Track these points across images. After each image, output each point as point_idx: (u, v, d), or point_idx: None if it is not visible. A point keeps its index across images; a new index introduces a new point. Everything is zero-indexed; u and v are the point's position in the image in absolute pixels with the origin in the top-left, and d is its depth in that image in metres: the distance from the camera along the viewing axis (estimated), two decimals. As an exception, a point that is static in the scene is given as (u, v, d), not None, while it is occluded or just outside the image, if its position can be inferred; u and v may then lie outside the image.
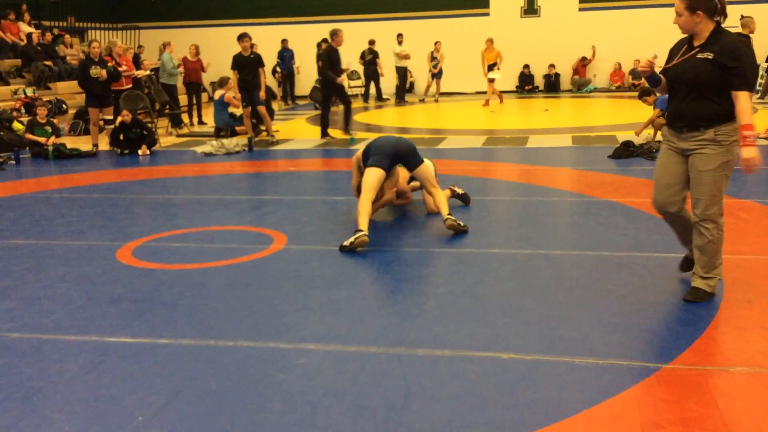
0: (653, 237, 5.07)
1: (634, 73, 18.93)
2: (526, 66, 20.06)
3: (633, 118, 13.20)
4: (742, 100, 3.57)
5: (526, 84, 20.21)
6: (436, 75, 17.83)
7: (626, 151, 8.50)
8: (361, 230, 4.99)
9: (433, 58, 17.63)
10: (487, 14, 20.24)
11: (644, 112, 14.02)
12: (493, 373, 3.09)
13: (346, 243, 4.95)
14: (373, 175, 5.42)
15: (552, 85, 20.28)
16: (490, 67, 15.88)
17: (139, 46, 16.42)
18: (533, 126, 12.26)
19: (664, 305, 3.83)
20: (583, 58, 19.88)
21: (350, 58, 15.87)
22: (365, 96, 18.41)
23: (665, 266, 4.40)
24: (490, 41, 16.05)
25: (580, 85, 19.99)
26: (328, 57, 11.25)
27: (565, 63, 20.15)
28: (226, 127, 12.14)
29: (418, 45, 19.14)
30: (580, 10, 19.86)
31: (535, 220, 5.74)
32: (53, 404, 2.92)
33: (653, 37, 17.11)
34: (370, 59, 17.77)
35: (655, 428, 2.62)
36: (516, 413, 2.75)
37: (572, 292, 4.05)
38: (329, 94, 11.54)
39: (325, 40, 13.21)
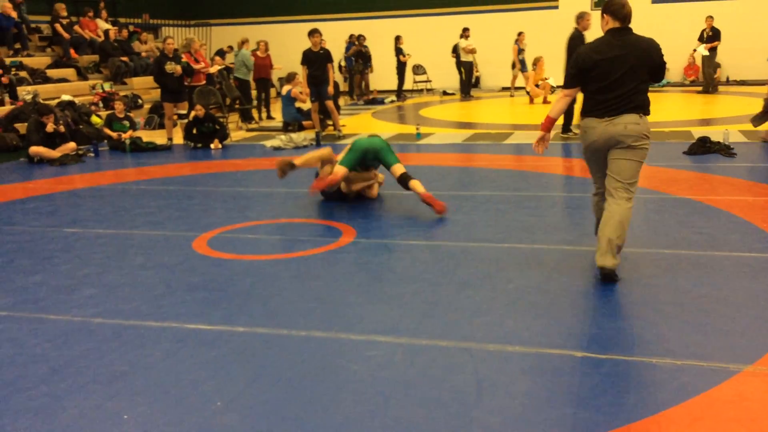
0: (731, 236, 4.92)
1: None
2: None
3: (709, 113, 12.79)
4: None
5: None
6: (523, 67, 16.85)
7: (702, 148, 8.24)
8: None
9: (520, 50, 16.86)
10: (556, 7, 19.89)
11: (720, 107, 13.57)
12: (567, 371, 3.06)
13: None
14: (326, 152, 6.52)
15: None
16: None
17: (230, 46, 16.73)
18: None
19: (744, 306, 3.70)
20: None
21: (415, 52, 15.84)
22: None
23: (744, 266, 4.27)
24: (541, 62, 15.87)
25: (655, 79, 19.40)
26: (574, 42, 9.45)
27: (637, 57, 19.59)
28: (293, 121, 12.33)
29: (485, 40, 19.00)
30: (654, 2, 19.31)
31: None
32: (135, 388, 3.04)
33: (728, 30, 16.52)
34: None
35: (737, 432, 2.55)
36: (590, 412, 2.71)
37: (648, 291, 3.96)
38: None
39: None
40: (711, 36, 16.04)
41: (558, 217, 5.78)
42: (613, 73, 4.05)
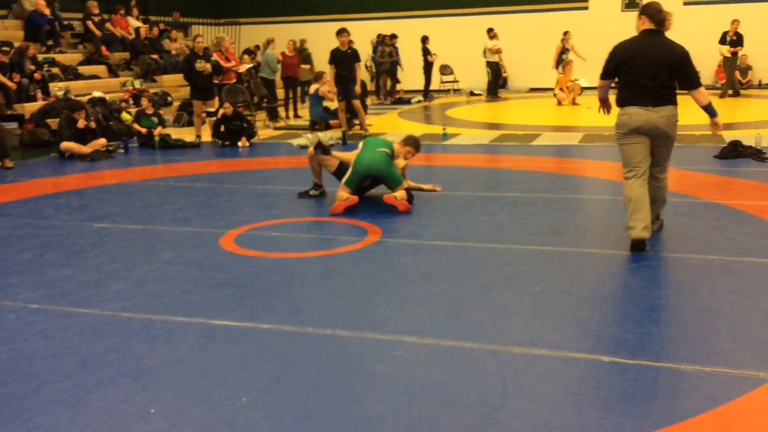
0: (763, 242, 4.84)
1: (740, 69, 18.04)
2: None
3: (740, 116, 12.59)
4: None
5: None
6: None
7: (734, 152, 8.12)
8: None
9: (564, 50, 16.30)
10: (586, 8, 19.74)
11: (750, 111, 13.36)
12: (593, 376, 3.03)
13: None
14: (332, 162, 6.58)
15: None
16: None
17: (256, 46, 16.85)
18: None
19: (776, 314, 3.65)
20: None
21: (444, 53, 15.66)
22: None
23: (777, 273, 4.19)
24: (570, 65, 15.70)
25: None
26: None
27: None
28: (320, 120, 12.37)
29: (513, 40, 18.91)
30: (685, 4, 19.06)
31: (635, 220, 5.57)
32: (163, 382, 3.07)
33: (759, 33, 16.25)
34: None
35: (767, 441, 2.51)
36: (617, 419, 2.69)
37: (677, 296, 3.91)
38: None
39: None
40: (734, 40, 15.75)
41: (586, 219, 5.73)
42: (643, 69, 4.61)
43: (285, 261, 4.77)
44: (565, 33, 16.58)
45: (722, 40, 15.95)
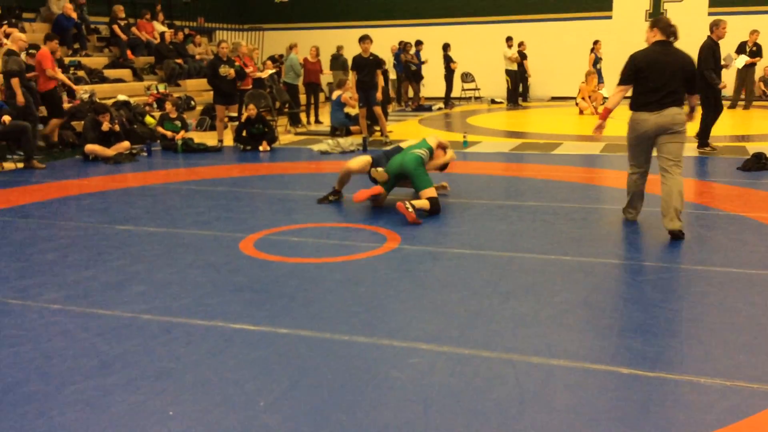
0: (787, 255, 4.78)
1: (765, 80, 17.84)
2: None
3: (764, 128, 12.44)
4: None
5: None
6: (600, 78, 16.21)
7: (758, 164, 8.03)
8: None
9: (597, 60, 16.35)
10: (610, 17, 19.64)
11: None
12: (612, 387, 3.01)
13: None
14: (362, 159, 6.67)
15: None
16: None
17: (280, 55, 17.01)
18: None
19: (800, 329, 3.60)
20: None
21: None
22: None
23: (801, 287, 4.14)
24: (593, 75, 15.63)
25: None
26: (711, 52, 9.08)
27: (693, 69, 19.25)
28: (341, 126, 12.42)
29: (535, 49, 18.87)
30: (710, 14, 18.89)
31: (658, 231, 5.53)
32: (182, 385, 3.09)
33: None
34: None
35: (788, 458, 2.47)
36: (635, 431, 2.66)
37: (698, 309, 3.87)
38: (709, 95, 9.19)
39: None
40: (754, 51, 15.58)
41: (606, 230, 5.69)
42: (661, 76, 5.19)
43: (304, 266, 4.79)
44: (596, 42, 16.53)
45: (739, 50, 15.80)
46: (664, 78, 5.17)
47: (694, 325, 3.66)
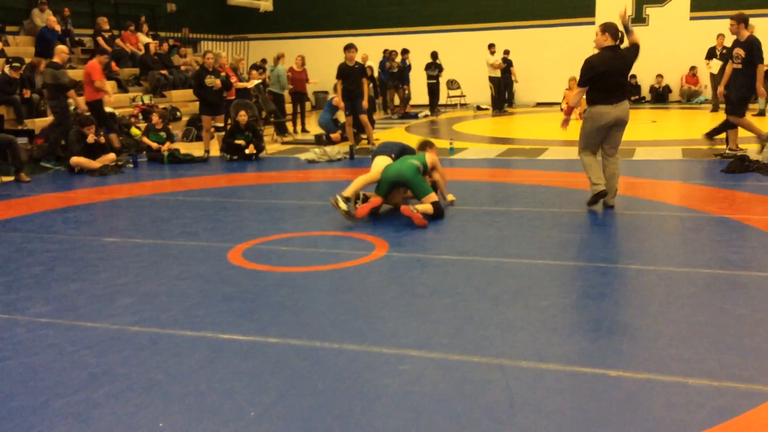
0: (772, 256, 4.83)
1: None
2: (633, 76, 19.46)
3: (745, 131, 12.54)
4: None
5: (631, 94, 19.62)
6: None
7: (741, 166, 8.11)
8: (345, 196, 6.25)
9: None
10: (593, 23, 19.79)
11: (762, 125, 13.33)
12: (601, 390, 3.03)
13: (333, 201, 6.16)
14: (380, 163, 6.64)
15: (660, 95, 19.59)
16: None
17: (263, 60, 17.01)
18: (640, 138, 11.88)
19: (785, 328, 3.64)
20: (693, 68, 19.11)
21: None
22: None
23: (785, 287, 4.18)
24: (574, 81, 15.74)
25: (690, 96, 19.21)
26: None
27: (674, 73, 19.45)
28: (325, 125, 12.57)
29: (520, 55, 18.98)
30: (692, 18, 19.12)
31: (643, 235, 5.57)
32: (171, 396, 3.08)
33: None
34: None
35: (776, 456, 2.50)
36: (624, 432, 2.68)
37: (684, 310, 3.91)
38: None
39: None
40: (724, 54, 15.74)
41: (593, 234, 5.73)
42: (615, 74, 6.09)
43: (292, 275, 4.79)
44: None
45: (709, 56, 15.96)
46: (617, 77, 6.10)
47: (681, 326, 3.69)
